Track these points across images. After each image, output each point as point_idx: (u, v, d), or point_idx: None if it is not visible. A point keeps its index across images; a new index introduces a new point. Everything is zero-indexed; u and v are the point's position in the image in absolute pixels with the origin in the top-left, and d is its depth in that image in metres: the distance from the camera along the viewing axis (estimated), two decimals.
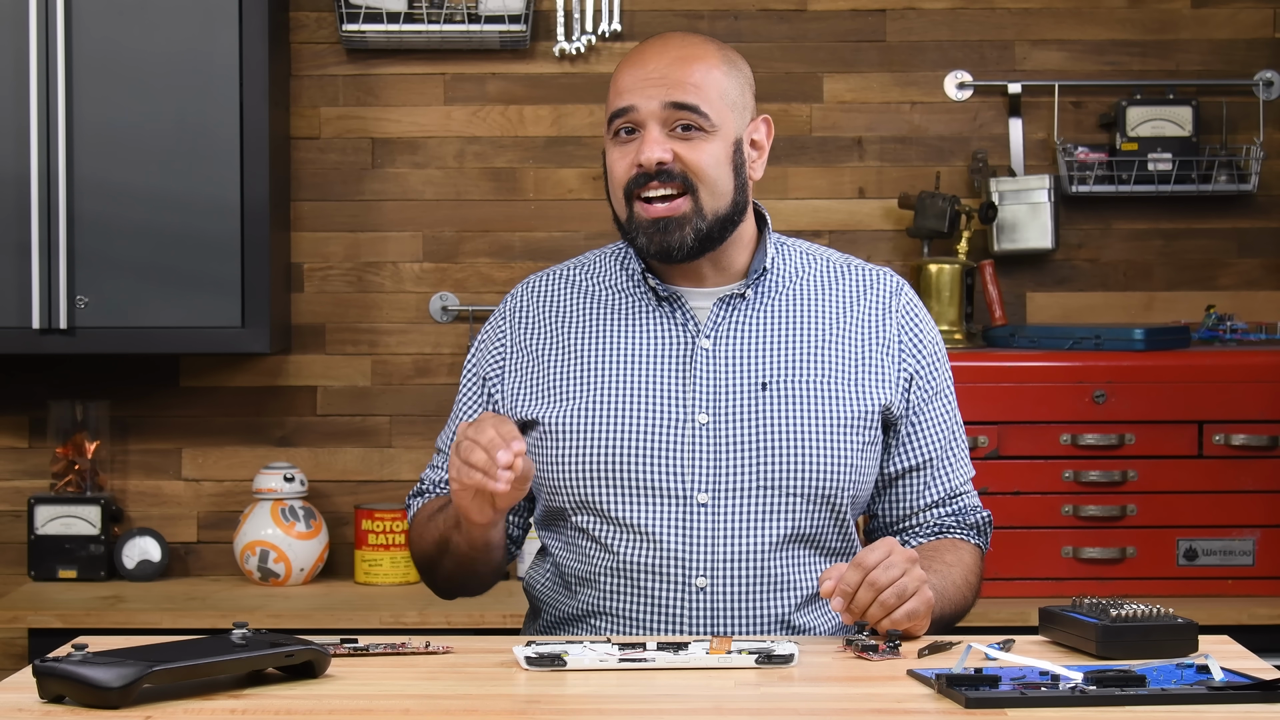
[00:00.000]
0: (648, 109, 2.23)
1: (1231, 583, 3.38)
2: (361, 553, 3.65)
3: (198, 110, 3.45)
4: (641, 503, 2.22)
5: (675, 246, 2.23)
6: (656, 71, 2.24)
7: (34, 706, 1.73)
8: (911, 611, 2.03)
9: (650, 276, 2.30)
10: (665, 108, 2.23)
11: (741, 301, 2.29)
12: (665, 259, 2.26)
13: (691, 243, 2.24)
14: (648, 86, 2.23)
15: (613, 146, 2.27)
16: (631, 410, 2.24)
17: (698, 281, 2.31)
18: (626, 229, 2.27)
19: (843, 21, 3.79)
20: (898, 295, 2.35)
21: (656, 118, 2.23)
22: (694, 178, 2.23)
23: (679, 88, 2.23)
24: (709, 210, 2.24)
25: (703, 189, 2.23)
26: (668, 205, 2.23)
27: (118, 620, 3.31)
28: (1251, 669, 1.85)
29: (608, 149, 2.29)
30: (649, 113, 2.23)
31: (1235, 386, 3.38)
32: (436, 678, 1.89)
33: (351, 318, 3.80)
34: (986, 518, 2.38)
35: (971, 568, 2.30)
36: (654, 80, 2.24)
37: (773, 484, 2.21)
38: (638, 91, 2.24)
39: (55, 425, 3.72)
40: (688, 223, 2.23)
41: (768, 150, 2.34)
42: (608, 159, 2.28)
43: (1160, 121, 3.71)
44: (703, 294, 2.31)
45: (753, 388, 2.24)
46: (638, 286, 2.32)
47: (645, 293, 2.31)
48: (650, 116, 2.23)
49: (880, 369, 2.30)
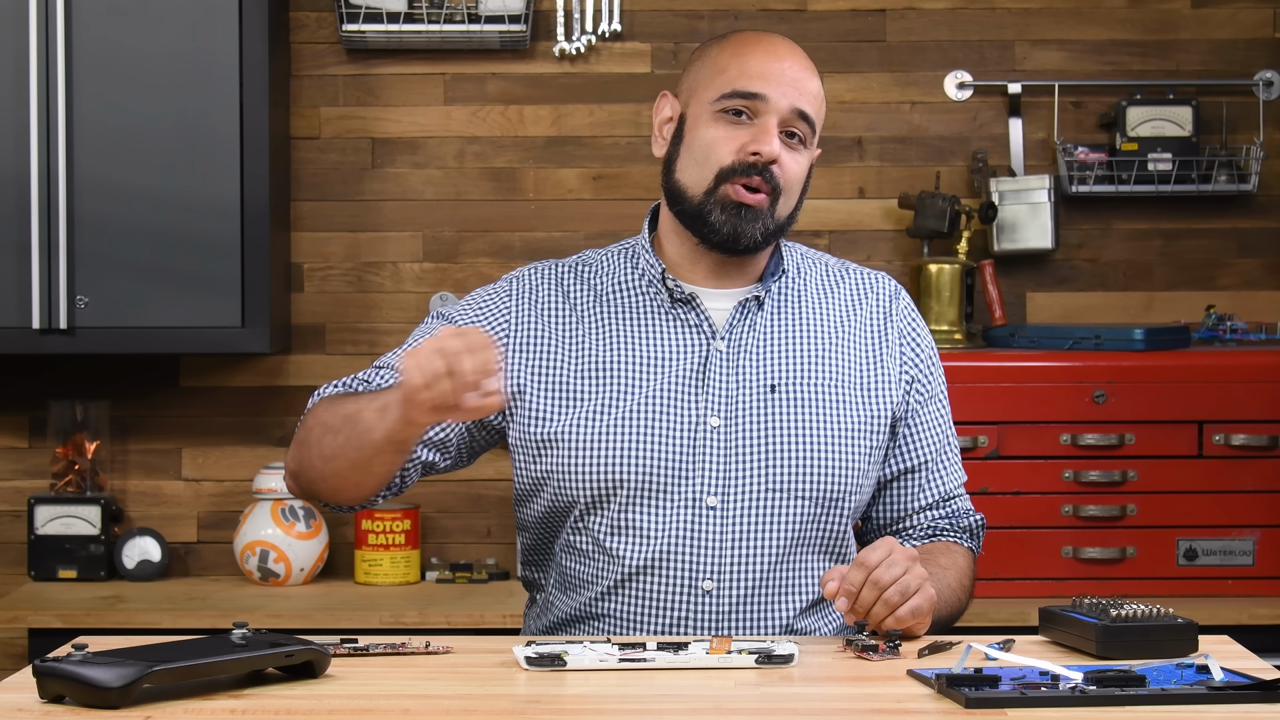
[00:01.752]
0: (778, 105, 2.22)
1: (1231, 583, 3.37)
2: (361, 553, 3.65)
3: (198, 110, 3.45)
4: (652, 505, 2.21)
5: (748, 237, 2.23)
6: (791, 71, 2.24)
7: (34, 706, 1.73)
8: (915, 608, 2.03)
9: (669, 276, 2.29)
10: (792, 111, 2.23)
11: (757, 305, 2.29)
12: (730, 245, 2.24)
13: (760, 239, 2.24)
14: (783, 84, 2.23)
15: (717, 122, 2.24)
16: (646, 413, 2.22)
17: (719, 281, 2.30)
18: (701, 202, 2.24)
19: (843, 21, 3.79)
20: (896, 299, 2.36)
21: (781, 115, 2.23)
22: (783, 185, 2.23)
23: (807, 96, 2.24)
24: (779, 216, 2.25)
25: (785, 197, 2.24)
26: (758, 198, 2.22)
27: (118, 620, 3.31)
28: (1251, 669, 1.85)
29: (708, 122, 2.24)
30: (777, 109, 2.23)
31: (1235, 386, 3.38)
32: (436, 678, 1.89)
33: (351, 318, 3.80)
34: (979, 521, 2.38)
35: (965, 571, 2.30)
36: (789, 80, 2.23)
37: (781, 488, 2.21)
38: (772, 83, 2.23)
39: (55, 425, 3.72)
40: (763, 219, 2.23)
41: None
42: (705, 133, 2.24)
43: (1160, 121, 3.71)
44: (722, 295, 2.30)
45: (763, 391, 2.24)
46: (651, 286, 2.30)
47: (658, 294, 2.29)
48: (776, 112, 2.22)
49: (887, 373, 2.30)
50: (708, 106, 2.24)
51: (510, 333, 2.30)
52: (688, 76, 2.31)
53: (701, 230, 2.25)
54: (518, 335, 2.29)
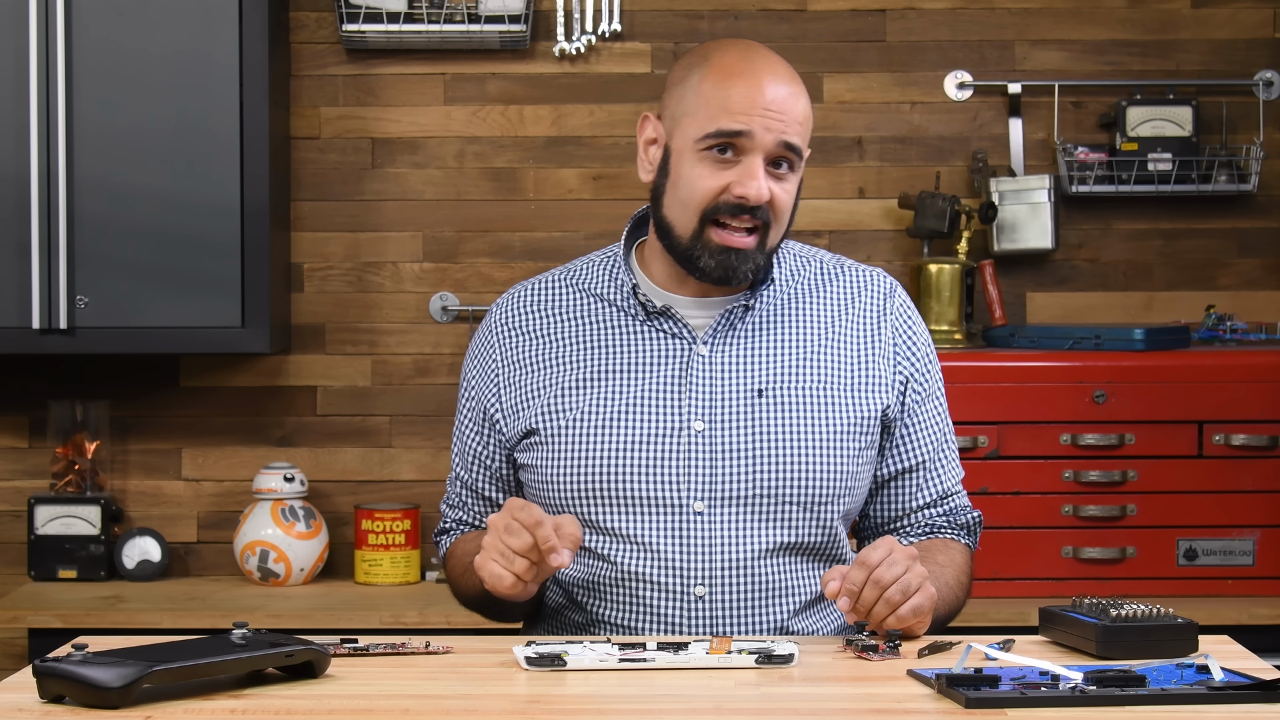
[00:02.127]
0: (763, 141, 2.15)
1: (1231, 583, 3.38)
2: (361, 553, 3.65)
3: (198, 110, 3.45)
4: (638, 512, 2.20)
5: (739, 275, 2.19)
6: (776, 103, 2.15)
7: (34, 706, 1.73)
8: (916, 607, 2.03)
9: (640, 291, 2.26)
10: (779, 145, 2.16)
11: (744, 311, 2.28)
12: (723, 284, 2.22)
13: (750, 276, 2.21)
14: (768, 118, 2.14)
15: (701, 161, 2.16)
16: (627, 419, 2.22)
17: (705, 293, 2.27)
18: (689, 247, 2.20)
19: (843, 21, 3.79)
20: (892, 297, 2.34)
21: (767, 151, 2.15)
22: (773, 215, 2.18)
23: (794, 127, 2.16)
24: (769, 245, 2.21)
25: (775, 227, 2.20)
26: (746, 238, 2.18)
27: (118, 620, 3.31)
28: (1251, 669, 1.85)
29: (692, 161, 2.17)
30: (762, 145, 2.15)
31: (1235, 386, 3.38)
32: (436, 678, 1.89)
33: (351, 318, 3.80)
34: (977, 518, 2.38)
35: (963, 568, 2.29)
36: (774, 113, 2.15)
37: (767, 492, 2.20)
38: (756, 118, 2.14)
39: (55, 425, 3.72)
40: (752, 258, 2.19)
41: None
42: (689, 171, 2.17)
43: (1160, 121, 3.71)
44: (705, 304, 2.27)
45: (748, 395, 2.22)
46: (627, 300, 2.29)
47: (635, 305, 2.28)
48: (762, 149, 2.15)
49: (877, 373, 2.28)
50: (691, 144, 2.17)
51: (498, 376, 2.31)
52: (670, 99, 2.24)
53: (692, 271, 2.23)
54: (505, 374, 2.31)
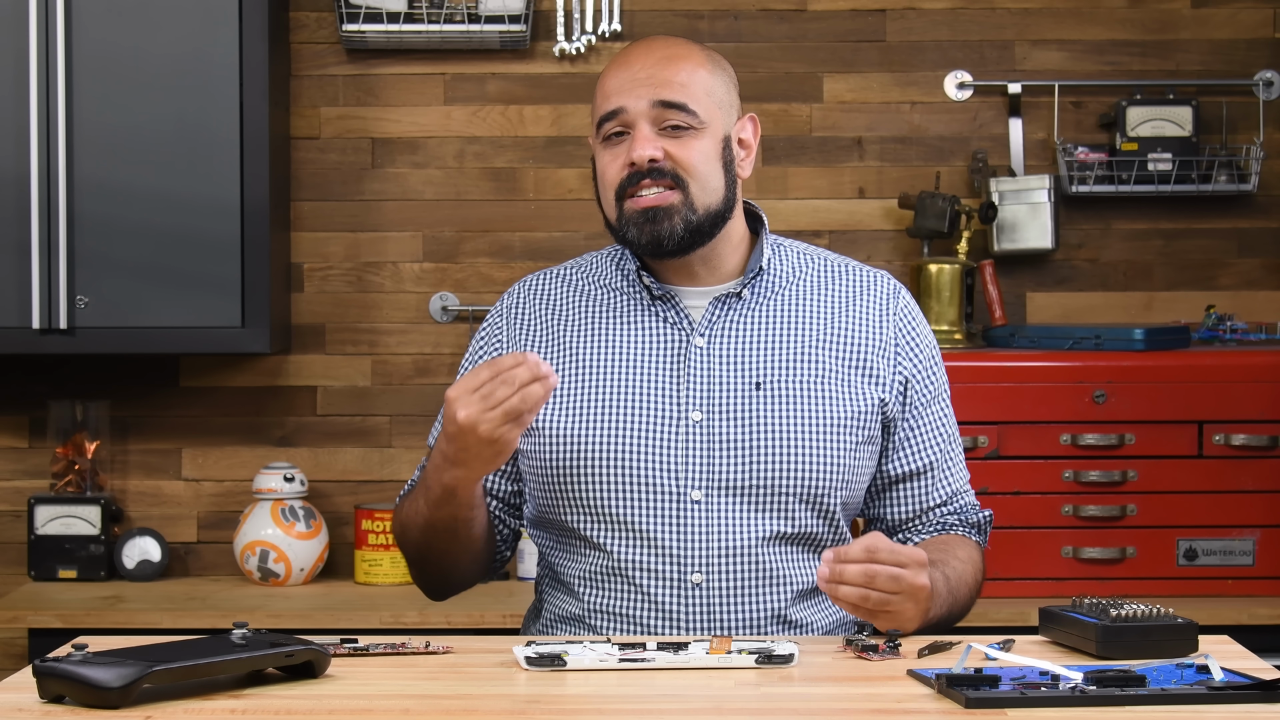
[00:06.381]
0: (637, 109, 2.25)
1: (1231, 583, 3.37)
2: (361, 553, 3.65)
3: (198, 110, 3.45)
4: (636, 500, 2.22)
5: (665, 236, 2.24)
6: (643, 72, 2.26)
7: (34, 706, 1.73)
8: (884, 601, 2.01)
9: (645, 274, 2.31)
10: (654, 106, 2.25)
11: (737, 301, 2.30)
12: (656, 250, 2.26)
13: (681, 232, 2.24)
14: (635, 87, 2.26)
15: (603, 150, 2.29)
16: (625, 408, 2.25)
17: (691, 280, 2.32)
18: (617, 228, 2.28)
19: (843, 21, 3.79)
20: (895, 298, 2.36)
21: (646, 117, 2.25)
22: (685, 174, 2.25)
23: (667, 86, 2.25)
24: (700, 204, 2.25)
25: (694, 184, 2.25)
26: (658, 196, 2.24)
27: (118, 620, 3.31)
28: (1251, 669, 1.85)
29: (597, 153, 2.30)
30: (638, 112, 2.25)
31: (1235, 386, 3.38)
32: (436, 678, 1.89)
33: (351, 318, 3.80)
34: (987, 517, 2.39)
35: (979, 566, 2.32)
36: (641, 80, 2.26)
37: (764, 483, 2.22)
38: (626, 93, 2.26)
39: (55, 425, 3.72)
40: (677, 213, 2.24)
41: (755, 149, 2.36)
42: (598, 162, 2.30)
43: (1160, 121, 3.71)
44: (697, 293, 2.31)
45: (747, 387, 2.25)
46: (632, 285, 2.33)
47: (639, 291, 2.32)
48: (640, 116, 2.25)
49: (876, 370, 2.30)
50: (595, 143, 2.31)
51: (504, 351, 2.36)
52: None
53: (634, 250, 2.30)
54: (509, 352, 2.34)
